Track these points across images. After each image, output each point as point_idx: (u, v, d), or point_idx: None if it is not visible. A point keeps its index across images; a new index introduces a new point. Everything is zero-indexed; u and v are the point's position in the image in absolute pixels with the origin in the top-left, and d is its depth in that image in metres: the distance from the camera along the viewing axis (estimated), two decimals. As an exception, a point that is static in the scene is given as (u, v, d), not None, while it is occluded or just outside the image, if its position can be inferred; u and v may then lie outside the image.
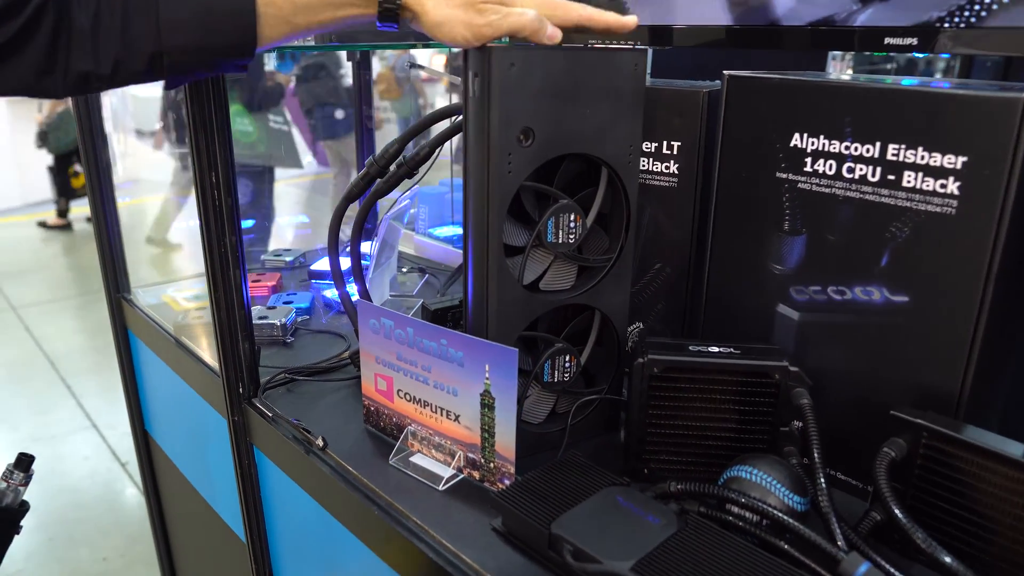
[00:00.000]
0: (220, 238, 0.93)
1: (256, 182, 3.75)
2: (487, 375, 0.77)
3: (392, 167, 0.99)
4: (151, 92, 7.20)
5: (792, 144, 0.80)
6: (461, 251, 1.55)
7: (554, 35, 0.75)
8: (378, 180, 1.01)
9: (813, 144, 0.78)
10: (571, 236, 0.82)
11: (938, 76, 2.58)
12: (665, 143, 0.96)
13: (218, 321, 0.97)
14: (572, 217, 0.82)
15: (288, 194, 7.77)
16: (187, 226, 4.55)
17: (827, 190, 0.78)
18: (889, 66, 2.44)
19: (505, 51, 0.72)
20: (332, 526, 0.89)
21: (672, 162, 0.97)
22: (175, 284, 1.53)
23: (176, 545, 1.68)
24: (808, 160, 0.79)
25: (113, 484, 2.88)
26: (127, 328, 1.48)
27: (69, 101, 5.49)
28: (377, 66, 6.01)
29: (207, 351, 1.19)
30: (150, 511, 1.67)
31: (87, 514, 2.68)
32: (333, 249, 1.07)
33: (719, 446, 0.82)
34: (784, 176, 0.81)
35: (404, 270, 1.50)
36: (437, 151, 0.98)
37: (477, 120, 0.75)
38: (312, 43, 1.15)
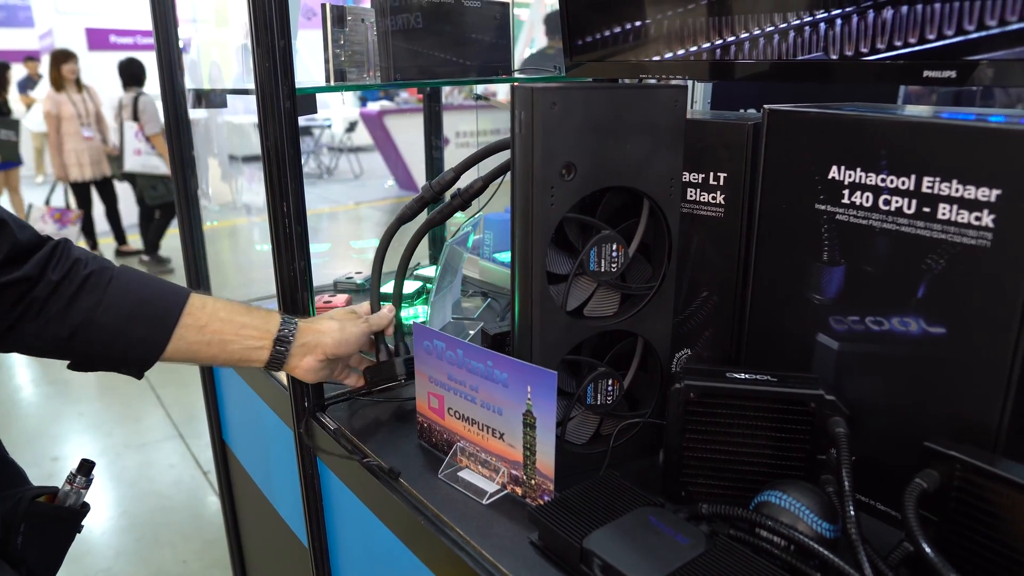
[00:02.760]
0: (290, 263, 1.01)
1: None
2: (529, 396, 0.81)
3: (447, 196, 1.05)
4: (245, 119, 7.57)
5: (830, 176, 0.82)
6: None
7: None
8: (430, 207, 1.06)
9: (850, 176, 0.80)
10: (613, 265, 0.86)
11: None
12: (712, 174, 0.99)
13: (287, 339, 1.04)
14: (614, 247, 0.85)
15: (369, 217, 8.04)
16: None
17: (864, 222, 0.79)
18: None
19: (547, 91, 0.76)
20: (385, 534, 0.94)
21: (719, 192, 0.99)
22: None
23: (248, 550, 1.77)
24: (846, 192, 0.81)
25: (195, 491, 3.03)
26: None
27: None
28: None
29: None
30: (225, 517, 1.77)
31: (171, 518, 2.84)
32: (377, 268, 1.11)
33: (755, 471, 0.83)
34: (823, 208, 0.83)
35: (468, 294, 1.56)
36: (492, 184, 1.03)
37: (523, 155, 0.80)
38: (378, 81, 1.23)
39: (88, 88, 6.25)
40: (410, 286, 1.56)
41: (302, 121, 7.81)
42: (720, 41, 1.03)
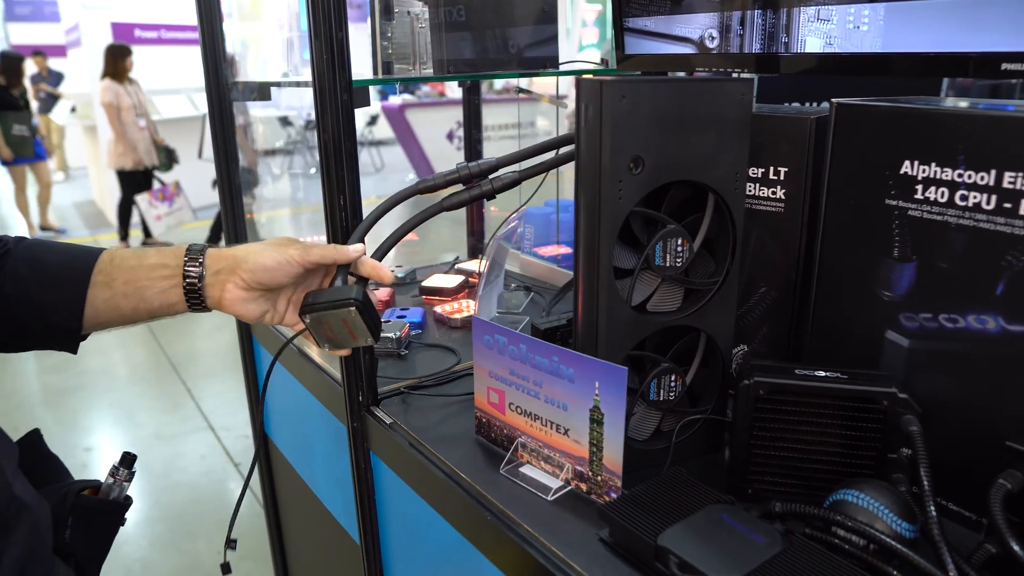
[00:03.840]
0: (346, 257, 1.00)
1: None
2: (596, 392, 0.81)
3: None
4: (261, 112, 7.59)
5: (902, 171, 0.80)
6: (565, 270, 1.60)
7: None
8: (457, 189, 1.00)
9: (924, 172, 0.79)
10: (678, 260, 0.85)
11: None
12: (772, 169, 0.98)
13: (342, 334, 1.04)
14: (679, 242, 0.84)
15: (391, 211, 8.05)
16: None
17: (939, 218, 0.78)
18: None
19: (616, 84, 0.76)
20: (444, 529, 0.94)
21: (779, 187, 0.98)
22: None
23: (289, 542, 1.78)
24: (919, 187, 0.79)
25: (227, 483, 3.05)
26: (252, 336, 1.59)
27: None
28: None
29: (324, 360, 1.28)
30: (266, 510, 1.78)
31: (204, 509, 2.86)
32: (369, 221, 0.96)
33: (824, 470, 0.82)
34: (894, 203, 0.82)
35: (510, 288, 1.56)
36: (531, 179, 1.01)
37: (589, 149, 0.79)
38: (430, 73, 1.23)
39: (135, 81, 6.35)
40: (452, 280, 1.56)
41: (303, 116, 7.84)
42: (771, 33, 1.02)
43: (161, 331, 4.69)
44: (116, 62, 6.12)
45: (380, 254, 0.94)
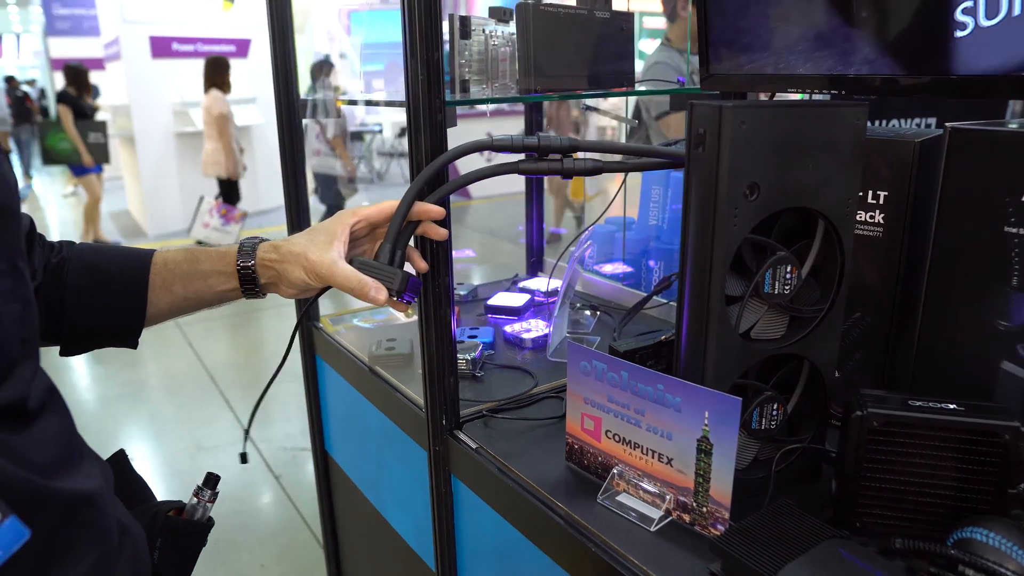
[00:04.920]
0: (435, 278, 1.00)
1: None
2: (706, 422, 0.79)
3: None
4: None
5: (1025, 198, 0.78)
6: (631, 289, 1.58)
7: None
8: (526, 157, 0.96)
9: (1050, 199, 0.76)
10: (787, 287, 0.83)
11: None
12: (871, 192, 0.96)
13: (427, 356, 1.03)
14: (788, 268, 0.83)
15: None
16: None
17: (1066, 247, 0.76)
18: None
19: (736, 110, 0.74)
20: (536, 556, 0.93)
21: (878, 211, 0.96)
22: (359, 315, 1.63)
23: (347, 564, 1.77)
24: (1044, 215, 0.77)
25: (269, 495, 3.06)
26: (315, 354, 1.59)
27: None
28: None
29: (399, 380, 1.27)
30: (324, 528, 1.78)
31: (246, 521, 2.86)
32: (419, 185, 0.93)
33: (938, 504, 0.80)
34: (1014, 231, 0.80)
35: (575, 307, 1.55)
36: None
37: (704, 174, 0.78)
38: (512, 93, 1.22)
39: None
40: (518, 298, 1.55)
41: (353, 127, 7.91)
42: (866, 55, 0.99)
43: (198, 341, 4.72)
44: (221, 74, 6.34)
45: (437, 197, 0.96)
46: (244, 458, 1.11)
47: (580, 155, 0.96)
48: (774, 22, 1.04)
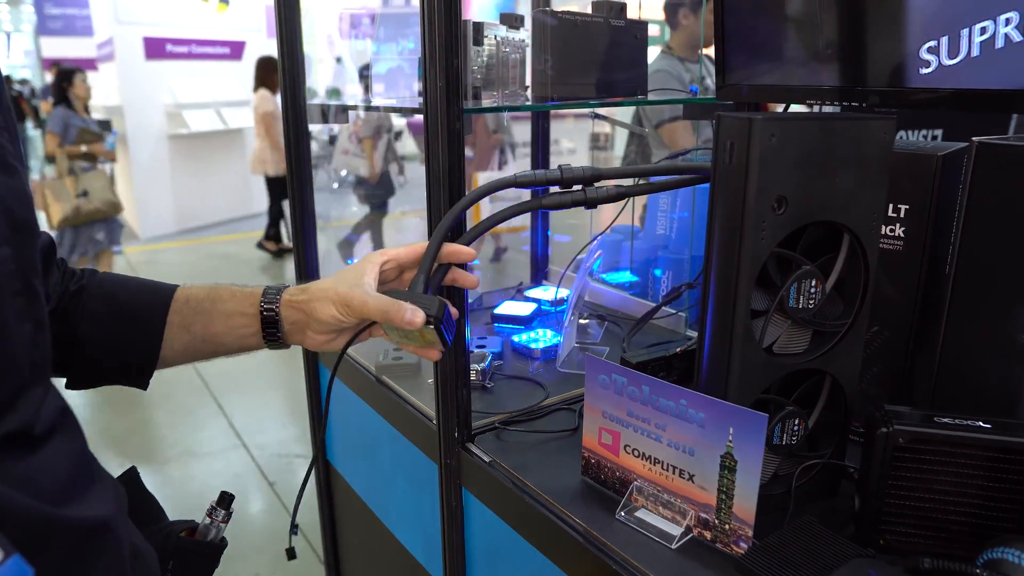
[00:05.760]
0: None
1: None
2: (731, 438, 0.78)
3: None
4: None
5: (1054, 214, 0.77)
6: (638, 299, 1.57)
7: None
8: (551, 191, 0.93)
9: (1080, 216, 0.76)
10: (811, 302, 0.82)
11: None
12: (892, 205, 0.95)
13: (440, 367, 1.02)
14: (813, 283, 0.82)
15: (415, 226, 8.05)
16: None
17: (1096, 264, 0.75)
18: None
19: (766, 122, 0.73)
20: (552, 572, 0.91)
21: (898, 225, 0.95)
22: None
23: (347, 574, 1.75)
24: (1073, 232, 0.76)
25: (262, 503, 3.03)
26: (319, 362, 1.57)
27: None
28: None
29: (407, 391, 1.25)
30: (324, 540, 1.75)
31: (241, 530, 2.83)
32: (443, 230, 0.88)
33: (964, 522, 0.79)
34: (1042, 247, 0.79)
35: (583, 315, 1.53)
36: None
37: (731, 187, 0.76)
38: (526, 102, 1.21)
39: None
40: (525, 307, 1.54)
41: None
42: (886, 67, 0.99)
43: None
44: (271, 73, 6.35)
45: (468, 239, 0.91)
46: (292, 554, 1.00)
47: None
48: (790, 33, 1.03)
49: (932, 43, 0.85)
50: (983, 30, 0.80)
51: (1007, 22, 0.78)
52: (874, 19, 0.92)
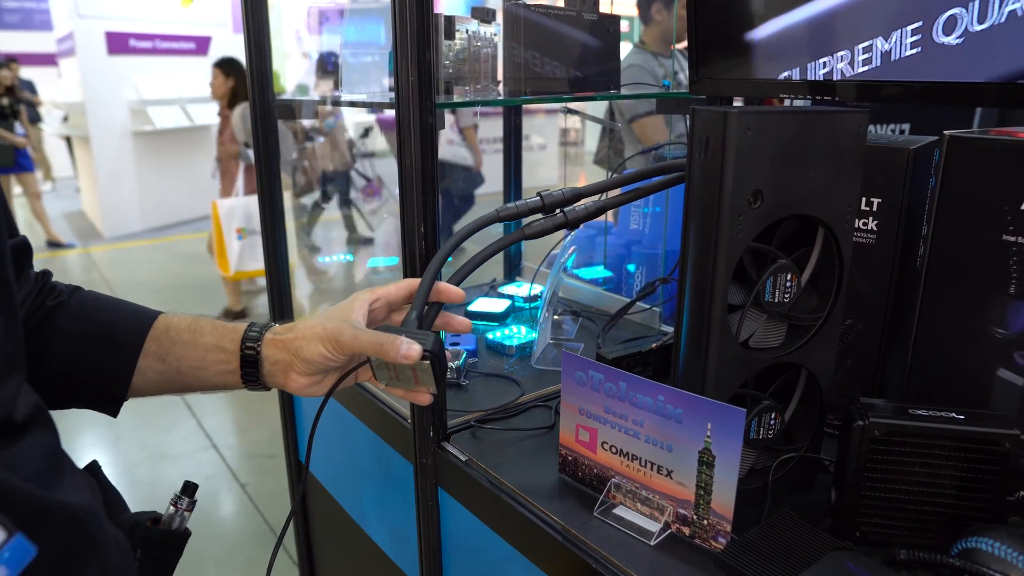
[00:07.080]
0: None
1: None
2: (708, 433, 0.77)
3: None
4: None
5: (1024, 207, 0.78)
6: (612, 294, 1.57)
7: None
8: (532, 219, 0.92)
9: (1049, 208, 0.76)
10: (786, 295, 0.82)
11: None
12: (864, 199, 0.96)
13: (414, 365, 1.00)
14: (788, 277, 0.82)
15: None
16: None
17: (1066, 255, 0.76)
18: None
19: (742, 115, 0.73)
20: (532, 573, 0.90)
21: (871, 218, 0.96)
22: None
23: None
24: (1043, 224, 0.77)
25: (234, 505, 2.98)
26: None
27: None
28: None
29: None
30: (298, 540, 1.73)
31: (212, 532, 2.79)
32: (435, 268, 0.84)
33: (937, 512, 0.80)
34: (1012, 239, 0.80)
35: (558, 311, 1.53)
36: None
37: (706, 182, 0.76)
38: (497, 96, 1.19)
39: None
40: (499, 304, 1.53)
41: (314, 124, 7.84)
42: (858, 59, 0.99)
43: (158, 346, 4.60)
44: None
45: (458, 279, 0.89)
46: None
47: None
48: (762, 26, 1.03)
49: (902, 33, 0.86)
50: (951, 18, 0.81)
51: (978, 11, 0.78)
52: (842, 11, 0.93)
